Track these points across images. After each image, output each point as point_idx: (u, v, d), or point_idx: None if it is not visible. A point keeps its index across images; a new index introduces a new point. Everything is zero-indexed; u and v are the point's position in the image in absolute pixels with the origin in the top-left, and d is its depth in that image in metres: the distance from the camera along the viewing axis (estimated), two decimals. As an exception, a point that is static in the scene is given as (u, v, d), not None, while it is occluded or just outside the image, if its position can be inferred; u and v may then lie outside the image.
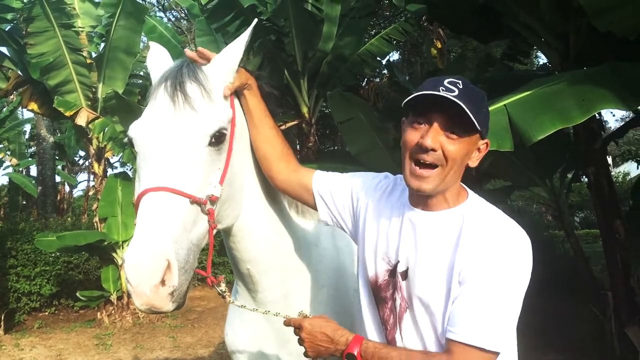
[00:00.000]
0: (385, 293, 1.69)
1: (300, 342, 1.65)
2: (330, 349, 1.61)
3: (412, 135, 1.54)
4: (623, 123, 7.21)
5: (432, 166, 1.51)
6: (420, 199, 1.64)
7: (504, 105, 3.96)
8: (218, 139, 1.70)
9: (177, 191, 1.56)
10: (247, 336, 2.20)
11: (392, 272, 1.66)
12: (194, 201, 1.59)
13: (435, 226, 1.60)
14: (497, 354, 1.44)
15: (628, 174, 26.18)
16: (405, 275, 1.62)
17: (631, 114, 6.19)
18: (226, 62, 1.83)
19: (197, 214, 1.61)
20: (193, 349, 7.96)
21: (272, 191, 2.04)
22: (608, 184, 5.41)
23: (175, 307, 1.52)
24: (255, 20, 1.98)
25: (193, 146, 1.64)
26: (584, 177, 7.07)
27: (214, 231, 1.69)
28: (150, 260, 1.45)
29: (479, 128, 1.47)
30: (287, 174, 1.91)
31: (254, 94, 1.91)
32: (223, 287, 1.73)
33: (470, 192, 1.66)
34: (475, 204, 1.62)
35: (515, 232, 1.54)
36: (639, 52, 4.72)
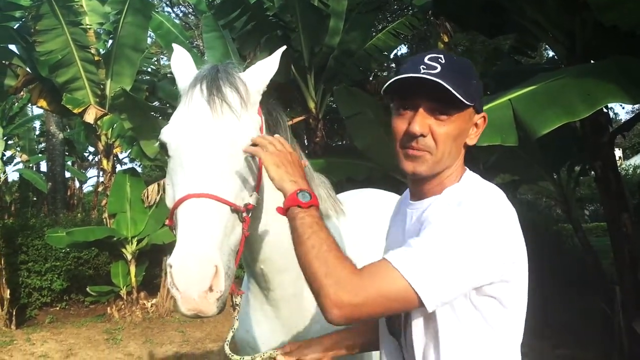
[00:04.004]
0: None
1: None
2: None
3: (399, 124, 1.43)
4: (633, 115, 7.15)
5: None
6: (418, 188, 1.52)
7: (509, 99, 3.97)
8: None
9: (219, 198, 1.55)
10: (258, 332, 2.22)
11: None
12: (234, 209, 1.60)
13: (421, 212, 1.47)
14: (404, 278, 1.25)
15: (639, 166, 25.87)
16: None
17: None
18: (261, 73, 1.85)
19: (235, 220, 1.61)
20: (202, 343, 8.02)
21: None
22: (615, 177, 5.38)
23: (218, 311, 1.51)
24: (284, 47, 1.97)
25: (233, 152, 1.64)
26: (591, 171, 7.04)
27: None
28: (200, 266, 1.44)
29: (468, 103, 1.36)
30: None
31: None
32: (239, 300, 1.75)
33: (468, 173, 1.50)
34: (465, 182, 1.46)
35: (487, 191, 1.39)
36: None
